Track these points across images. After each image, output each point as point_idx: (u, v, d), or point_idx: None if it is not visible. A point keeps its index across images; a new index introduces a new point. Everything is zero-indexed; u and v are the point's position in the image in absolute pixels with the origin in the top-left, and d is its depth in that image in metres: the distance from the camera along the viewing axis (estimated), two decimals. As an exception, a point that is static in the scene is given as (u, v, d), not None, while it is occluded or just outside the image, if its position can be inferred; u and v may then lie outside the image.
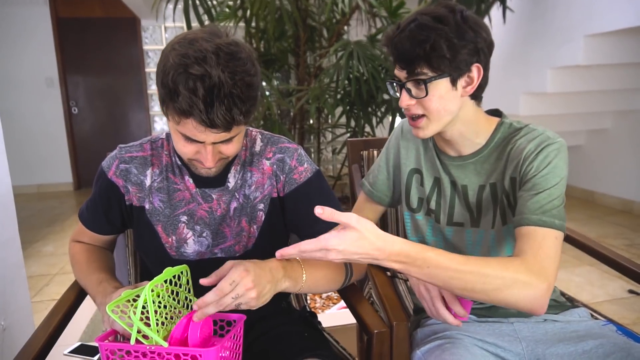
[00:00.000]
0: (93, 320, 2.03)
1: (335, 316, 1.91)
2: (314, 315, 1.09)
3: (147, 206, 0.93)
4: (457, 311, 0.83)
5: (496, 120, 0.97)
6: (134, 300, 0.78)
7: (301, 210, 0.94)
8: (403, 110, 0.92)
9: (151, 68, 5.49)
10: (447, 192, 1.00)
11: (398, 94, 0.91)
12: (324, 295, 2.35)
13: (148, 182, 0.93)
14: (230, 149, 0.81)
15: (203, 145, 0.78)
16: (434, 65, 0.83)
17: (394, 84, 0.92)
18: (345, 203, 3.25)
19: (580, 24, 2.92)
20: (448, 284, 0.72)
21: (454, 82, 0.86)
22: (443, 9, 0.84)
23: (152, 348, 0.71)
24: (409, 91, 0.88)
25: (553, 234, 0.78)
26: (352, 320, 1.82)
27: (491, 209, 0.95)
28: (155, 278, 0.73)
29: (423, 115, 0.89)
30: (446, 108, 0.87)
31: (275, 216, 0.96)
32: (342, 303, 2.12)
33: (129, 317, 0.75)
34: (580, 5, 2.92)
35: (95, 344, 1.78)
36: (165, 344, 0.70)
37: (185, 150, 0.80)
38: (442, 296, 0.85)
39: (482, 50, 0.85)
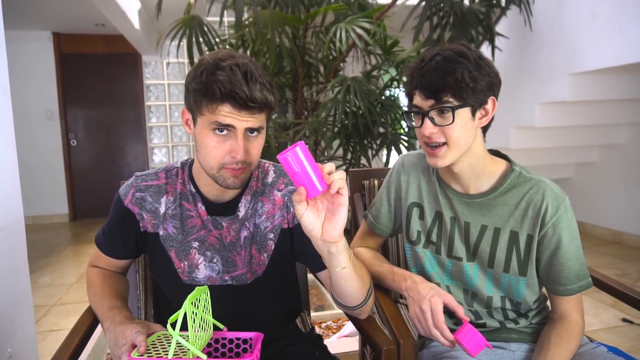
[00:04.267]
0: (94, 349, 2.02)
1: (335, 345, 1.93)
2: (320, 338, 1.13)
3: (161, 232, 0.97)
4: (447, 336, 0.89)
5: (502, 162, 1.02)
6: (152, 345, 0.81)
7: (307, 243, 0.91)
8: (421, 140, 0.96)
9: (152, 102, 5.61)
10: (447, 227, 1.03)
11: (415, 124, 0.96)
12: (323, 325, 2.37)
13: (162, 209, 0.97)
14: (255, 147, 0.88)
15: (234, 137, 0.85)
16: (459, 94, 0.89)
17: (412, 114, 0.97)
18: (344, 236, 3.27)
19: (565, 63, 3.08)
20: None
21: (473, 113, 0.92)
22: (461, 47, 0.92)
23: None
24: (432, 119, 0.92)
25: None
26: (352, 348, 1.85)
27: (490, 250, 1.00)
28: (190, 295, 0.76)
29: (444, 144, 0.93)
30: (466, 137, 0.92)
31: (285, 246, 1.00)
32: (342, 332, 2.13)
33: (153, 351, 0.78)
34: (563, 46, 3.09)
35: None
36: (204, 356, 0.72)
37: (216, 151, 0.85)
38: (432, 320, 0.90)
39: (495, 85, 0.93)
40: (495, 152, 1.04)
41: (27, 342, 1.56)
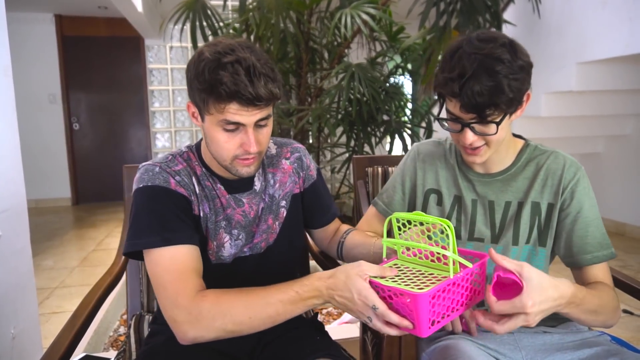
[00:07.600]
0: (97, 331, 2.04)
1: (336, 331, 1.94)
2: (322, 325, 1.13)
3: (201, 214, 0.93)
4: (471, 328, 0.91)
5: (521, 141, 1.05)
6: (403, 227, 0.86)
7: (315, 203, 1.09)
8: (458, 143, 0.96)
9: (154, 86, 5.58)
10: (468, 209, 1.05)
11: (452, 127, 0.95)
12: (324, 311, 2.38)
13: (198, 190, 0.93)
14: (264, 135, 0.88)
15: (245, 131, 0.84)
16: (501, 107, 0.87)
17: (447, 121, 0.95)
18: (345, 223, 3.26)
19: (573, 52, 3.04)
20: (587, 318, 0.86)
21: (512, 113, 0.92)
22: (498, 48, 0.87)
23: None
24: (473, 129, 0.91)
25: (610, 262, 0.95)
26: (353, 334, 1.86)
27: (513, 225, 1.00)
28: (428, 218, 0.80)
29: (484, 144, 0.95)
30: (504, 135, 0.94)
31: (295, 211, 1.04)
32: (343, 318, 2.14)
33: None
34: (572, 34, 3.05)
35: (100, 355, 1.78)
36: (470, 264, 0.76)
37: (228, 145, 0.85)
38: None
39: (530, 75, 0.91)
40: (516, 136, 1.07)
41: (30, 324, 1.57)
